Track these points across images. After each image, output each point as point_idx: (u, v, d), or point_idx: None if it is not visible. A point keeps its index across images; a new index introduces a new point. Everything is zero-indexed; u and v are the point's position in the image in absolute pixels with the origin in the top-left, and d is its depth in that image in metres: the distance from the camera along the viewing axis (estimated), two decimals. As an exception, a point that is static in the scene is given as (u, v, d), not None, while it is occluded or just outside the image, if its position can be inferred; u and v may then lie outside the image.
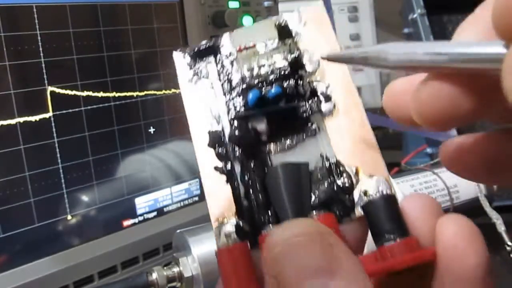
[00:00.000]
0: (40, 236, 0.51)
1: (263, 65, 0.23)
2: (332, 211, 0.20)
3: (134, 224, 0.59)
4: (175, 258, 0.46)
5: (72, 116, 0.52)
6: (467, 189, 0.60)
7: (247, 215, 0.21)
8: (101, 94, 0.55)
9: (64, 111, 0.52)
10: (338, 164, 0.21)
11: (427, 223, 0.19)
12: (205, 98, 0.24)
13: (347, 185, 0.21)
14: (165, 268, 0.44)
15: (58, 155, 0.52)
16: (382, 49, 0.18)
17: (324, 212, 0.20)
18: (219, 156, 0.22)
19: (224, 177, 0.22)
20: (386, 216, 0.20)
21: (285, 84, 0.22)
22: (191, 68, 0.24)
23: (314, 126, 0.22)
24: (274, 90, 0.22)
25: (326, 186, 0.21)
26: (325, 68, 0.22)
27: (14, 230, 0.49)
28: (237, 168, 0.22)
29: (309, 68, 0.22)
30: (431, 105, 0.17)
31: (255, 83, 0.22)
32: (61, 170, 0.52)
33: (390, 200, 0.20)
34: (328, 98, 0.22)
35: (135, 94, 0.58)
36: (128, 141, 0.57)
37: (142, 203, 0.59)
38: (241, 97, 0.23)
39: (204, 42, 0.24)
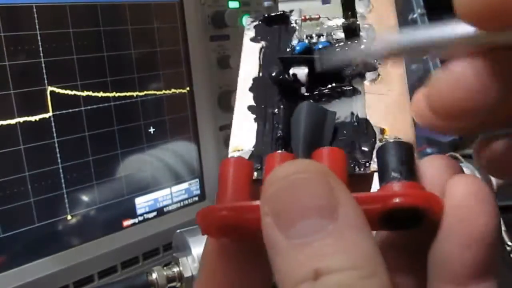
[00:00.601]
0: (40, 236, 0.51)
1: (322, 35, 0.24)
2: (348, 161, 0.20)
3: (134, 224, 0.59)
4: (175, 258, 0.46)
5: (72, 116, 0.52)
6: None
7: (264, 148, 0.22)
8: (101, 94, 0.55)
9: (64, 111, 0.52)
10: (365, 121, 0.21)
11: (442, 180, 0.18)
12: (260, 52, 0.25)
13: (369, 141, 0.21)
14: (165, 268, 0.45)
15: (58, 155, 0.52)
16: (380, 40, 0.18)
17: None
18: (256, 98, 0.24)
19: (253, 116, 0.23)
20: (397, 157, 0.19)
21: (336, 41, 0.23)
22: (256, 30, 0.26)
23: (353, 88, 0.22)
24: (322, 43, 0.23)
25: (347, 137, 0.21)
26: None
27: (14, 230, 0.49)
28: (271, 109, 0.23)
29: (364, 43, 0.23)
30: (452, 92, 0.17)
31: (313, 42, 0.24)
32: (61, 170, 0.52)
33: (405, 146, 0.19)
34: (373, 68, 0.23)
35: (135, 94, 0.58)
36: (128, 141, 0.57)
37: (142, 203, 0.59)
38: (291, 49, 0.24)
39: (276, 12, 0.26)
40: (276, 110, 0.23)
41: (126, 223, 0.58)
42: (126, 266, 0.56)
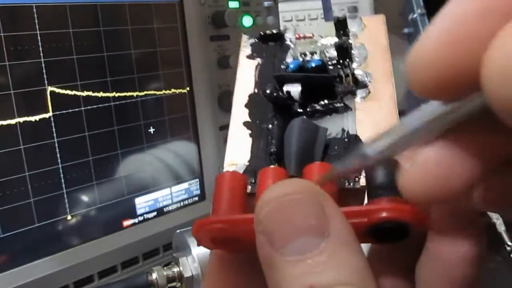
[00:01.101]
0: (40, 236, 0.51)
1: (316, 53, 0.25)
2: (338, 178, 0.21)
3: (134, 224, 0.59)
4: (175, 258, 0.46)
5: (72, 116, 0.52)
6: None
7: (258, 165, 0.22)
8: (101, 94, 0.55)
9: (64, 111, 0.52)
10: (356, 138, 0.22)
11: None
12: (256, 70, 0.26)
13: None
14: (165, 268, 0.45)
15: (58, 155, 0.52)
16: (358, 152, 0.18)
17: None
18: (251, 115, 0.25)
19: (248, 132, 0.24)
20: (384, 173, 0.20)
21: (328, 61, 0.25)
22: (252, 48, 0.27)
23: (345, 106, 0.23)
24: (314, 61, 0.24)
25: (338, 153, 0.22)
26: (369, 63, 0.24)
27: (14, 230, 0.49)
28: (265, 125, 0.24)
29: (356, 61, 0.24)
30: (423, 184, 0.16)
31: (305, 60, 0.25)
32: (61, 170, 0.52)
33: (392, 161, 0.20)
34: (364, 85, 0.24)
35: (135, 94, 0.58)
36: (128, 141, 0.57)
37: (142, 203, 0.59)
38: (285, 66, 0.25)
39: (271, 30, 0.27)
40: (270, 126, 0.23)
41: (126, 223, 0.58)
42: (126, 266, 0.56)
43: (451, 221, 0.19)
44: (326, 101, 0.24)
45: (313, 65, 0.24)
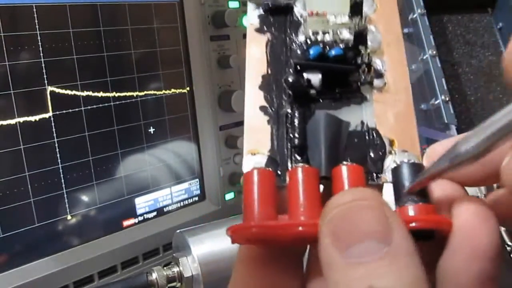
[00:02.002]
0: (40, 236, 0.51)
1: (328, 33, 0.24)
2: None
3: (134, 224, 0.59)
4: (175, 258, 0.46)
5: (72, 116, 0.52)
6: (467, 189, 0.60)
7: (279, 155, 0.22)
8: (101, 94, 0.55)
9: (64, 111, 0.52)
10: (375, 132, 0.22)
11: (449, 201, 0.20)
12: (266, 47, 0.25)
13: (379, 152, 0.22)
14: (165, 268, 0.44)
15: (58, 155, 0.52)
16: (452, 153, 0.18)
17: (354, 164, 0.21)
18: (266, 98, 0.24)
19: (266, 118, 0.23)
20: (411, 180, 0.20)
21: (346, 48, 0.24)
22: (260, 20, 0.26)
23: (362, 95, 0.23)
24: (335, 50, 0.23)
25: (359, 148, 0.22)
26: (384, 49, 0.24)
27: (14, 230, 0.49)
28: (283, 111, 0.23)
29: (370, 47, 0.24)
30: None
31: (322, 42, 0.24)
32: (61, 170, 0.52)
33: (417, 166, 0.21)
34: (380, 75, 0.23)
35: (135, 94, 0.58)
36: (128, 141, 0.57)
37: (142, 203, 0.59)
38: (302, 50, 0.24)
39: (280, 0, 0.25)
40: (288, 111, 0.23)
41: (126, 223, 0.58)
42: (126, 266, 0.56)
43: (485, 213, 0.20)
44: (343, 90, 0.23)
45: (334, 53, 0.23)
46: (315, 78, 0.23)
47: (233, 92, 0.63)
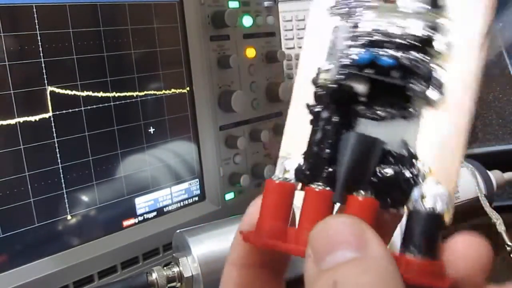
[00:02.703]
0: (40, 236, 0.51)
1: (393, 24, 0.21)
2: (384, 195, 0.20)
3: (134, 224, 0.59)
4: (175, 258, 0.46)
5: (72, 116, 0.52)
6: (468, 189, 0.60)
7: (313, 162, 0.22)
8: (101, 94, 0.55)
9: (64, 111, 0.52)
10: (415, 156, 0.20)
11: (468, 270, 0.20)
12: (330, 34, 0.22)
13: (412, 181, 0.20)
14: (165, 268, 0.45)
15: (58, 155, 0.52)
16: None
17: (371, 197, 0.20)
18: (316, 95, 0.22)
19: (310, 117, 0.22)
20: (421, 231, 0.19)
21: (405, 56, 0.20)
22: None
23: (411, 110, 0.20)
24: (388, 60, 0.20)
25: (392, 171, 0.20)
26: (454, 56, 0.20)
27: (14, 230, 0.49)
28: (324, 115, 0.22)
29: (438, 48, 0.20)
30: None
31: (381, 40, 0.21)
32: (61, 170, 0.52)
33: (436, 219, 0.19)
34: (440, 87, 0.20)
35: (135, 94, 0.58)
36: (128, 141, 0.57)
37: (142, 203, 0.59)
38: (357, 49, 0.21)
39: None
40: (329, 116, 0.21)
41: (126, 223, 0.58)
42: (126, 266, 0.56)
43: None
44: (388, 110, 0.21)
45: (386, 62, 0.20)
46: (361, 87, 0.21)
47: (233, 92, 0.63)
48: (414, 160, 0.20)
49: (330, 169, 0.21)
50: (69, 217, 0.53)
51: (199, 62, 0.63)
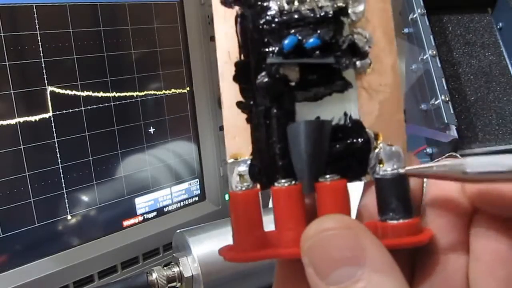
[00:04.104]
0: (40, 236, 0.51)
1: (303, 1, 0.21)
2: (345, 170, 0.21)
3: (134, 224, 0.59)
4: (175, 258, 0.46)
5: (72, 116, 0.52)
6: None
7: (263, 158, 0.21)
8: (101, 94, 0.55)
9: (64, 111, 0.52)
10: (360, 125, 0.21)
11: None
12: (236, 25, 0.21)
13: (363, 148, 0.21)
14: (165, 268, 0.45)
15: (58, 155, 0.52)
16: (460, 163, 0.19)
17: (337, 178, 0.20)
18: (243, 91, 0.21)
19: (245, 116, 0.21)
20: (394, 195, 0.20)
21: (324, 31, 0.20)
22: None
23: (344, 82, 0.21)
24: (312, 40, 0.20)
25: (343, 144, 0.21)
26: (368, 19, 0.21)
27: (14, 230, 0.49)
28: (260, 108, 0.21)
29: (352, 16, 0.21)
30: None
31: (293, 20, 0.20)
32: (61, 170, 0.52)
33: (401, 180, 0.20)
34: (365, 55, 0.21)
35: (135, 94, 0.58)
36: (128, 141, 0.57)
37: (142, 203, 0.59)
38: (276, 36, 0.20)
39: None
40: (266, 109, 0.21)
41: (126, 223, 0.58)
42: (126, 266, 0.56)
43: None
44: (323, 88, 0.21)
45: (311, 43, 0.20)
46: (292, 74, 0.21)
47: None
48: (360, 129, 0.21)
49: (285, 162, 0.21)
50: (69, 217, 0.53)
51: (199, 62, 0.63)
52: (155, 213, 0.61)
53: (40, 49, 0.50)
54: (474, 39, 0.80)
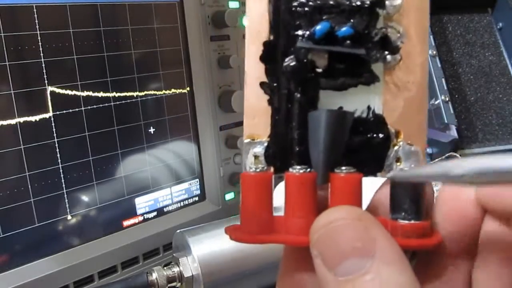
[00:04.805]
0: (40, 236, 0.51)
1: None
2: (361, 164, 0.20)
3: (134, 224, 0.59)
4: (175, 258, 0.46)
5: (72, 116, 0.52)
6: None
7: (280, 142, 0.21)
8: (101, 94, 0.55)
9: (64, 111, 0.52)
10: (382, 120, 0.21)
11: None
12: (269, 3, 0.21)
13: (383, 144, 0.21)
14: (165, 268, 0.44)
15: (58, 155, 0.52)
16: (450, 166, 0.18)
17: (353, 171, 0.20)
18: (268, 72, 0.21)
19: (267, 97, 0.21)
20: (407, 196, 0.20)
21: (357, 21, 0.20)
22: None
23: (372, 75, 0.21)
24: (345, 29, 0.20)
25: (363, 138, 0.21)
26: (405, 14, 0.20)
27: (14, 230, 0.49)
28: (284, 91, 0.21)
29: (389, 9, 0.20)
30: None
31: (327, 6, 0.20)
32: (61, 170, 0.52)
33: (419, 184, 0.20)
34: (396, 50, 0.20)
35: (135, 94, 0.58)
36: (128, 141, 0.57)
37: (142, 203, 0.59)
38: (308, 20, 0.20)
39: None
40: (290, 93, 0.21)
41: (126, 223, 0.58)
42: (126, 266, 0.56)
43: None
44: (350, 78, 0.21)
45: (343, 32, 0.20)
46: (321, 61, 0.20)
47: (233, 92, 0.63)
48: (382, 124, 0.21)
49: (302, 148, 0.21)
50: (69, 217, 0.53)
51: (199, 62, 0.63)
52: (155, 213, 0.61)
53: (40, 49, 0.50)
54: (474, 39, 0.80)
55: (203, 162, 0.65)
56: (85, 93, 0.53)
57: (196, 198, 0.65)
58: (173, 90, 0.62)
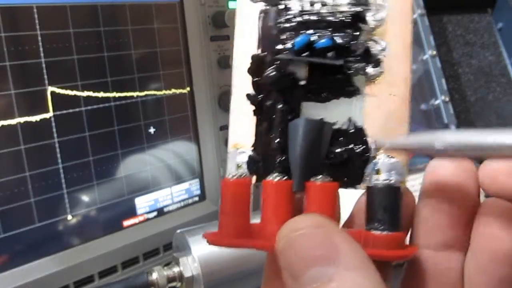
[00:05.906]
0: (40, 236, 0.51)
1: (325, 4, 0.21)
2: (340, 175, 0.21)
3: (134, 224, 0.59)
4: (175, 258, 0.46)
5: (72, 116, 0.52)
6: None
7: (262, 152, 0.21)
8: (101, 94, 0.55)
9: (64, 111, 0.52)
10: (362, 132, 0.21)
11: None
12: (259, 19, 0.22)
13: (363, 156, 0.21)
14: (165, 268, 0.45)
15: (58, 155, 0.52)
16: (432, 138, 0.18)
17: (329, 180, 0.20)
18: (255, 84, 0.22)
19: (252, 108, 0.22)
20: (383, 206, 0.20)
21: (339, 35, 0.21)
22: None
23: (353, 88, 0.21)
24: (324, 41, 0.21)
25: (343, 150, 0.21)
26: (387, 29, 0.21)
27: (14, 230, 0.49)
28: (268, 103, 0.21)
29: (371, 24, 0.21)
30: None
31: (312, 20, 0.21)
32: (61, 170, 0.52)
33: (394, 192, 0.20)
34: (378, 63, 0.21)
35: (135, 94, 0.58)
36: (128, 141, 0.57)
37: (142, 203, 0.59)
38: (293, 35, 0.21)
39: None
40: (273, 104, 0.21)
41: (126, 223, 0.58)
42: (126, 266, 0.56)
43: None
44: (331, 90, 0.21)
45: (322, 44, 0.20)
46: (301, 72, 0.21)
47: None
48: (363, 136, 0.21)
49: (283, 158, 0.21)
50: (69, 217, 0.53)
51: (199, 62, 0.63)
52: (155, 213, 0.61)
53: (41, 49, 0.50)
54: (474, 39, 0.80)
55: (203, 162, 0.65)
56: (85, 93, 0.53)
57: (196, 198, 0.65)
58: (173, 90, 0.62)
